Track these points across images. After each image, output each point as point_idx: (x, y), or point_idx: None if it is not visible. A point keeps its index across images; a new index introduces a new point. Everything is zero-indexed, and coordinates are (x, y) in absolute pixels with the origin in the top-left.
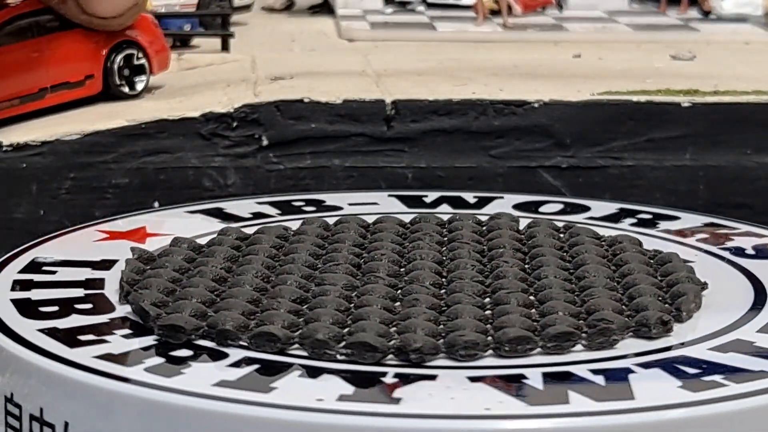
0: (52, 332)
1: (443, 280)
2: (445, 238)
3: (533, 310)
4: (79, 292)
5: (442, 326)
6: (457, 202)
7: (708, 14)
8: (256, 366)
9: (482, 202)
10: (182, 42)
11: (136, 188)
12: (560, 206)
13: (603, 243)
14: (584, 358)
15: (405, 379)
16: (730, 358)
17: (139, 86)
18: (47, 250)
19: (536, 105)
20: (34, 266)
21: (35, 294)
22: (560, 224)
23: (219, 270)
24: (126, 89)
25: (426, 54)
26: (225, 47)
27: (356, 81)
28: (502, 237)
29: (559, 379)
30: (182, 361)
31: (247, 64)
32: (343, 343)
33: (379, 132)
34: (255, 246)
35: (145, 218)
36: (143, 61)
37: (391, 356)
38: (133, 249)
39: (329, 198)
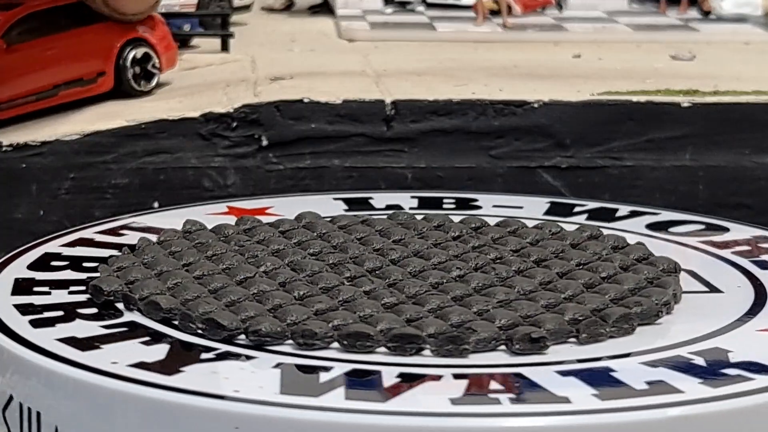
0: (21, 282)
1: (410, 279)
2: (492, 244)
3: (427, 314)
4: (104, 252)
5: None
6: (607, 214)
7: (708, 14)
8: (124, 329)
9: (632, 215)
10: (182, 42)
11: (136, 188)
12: (700, 227)
13: (637, 262)
14: (434, 362)
15: (221, 357)
16: (549, 381)
17: (151, 83)
18: (152, 218)
19: (536, 105)
20: (115, 229)
21: (76, 251)
22: (633, 241)
23: (232, 247)
24: (137, 86)
25: (426, 54)
26: (225, 47)
27: (356, 81)
28: (544, 248)
29: (356, 375)
30: (75, 316)
31: (247, 64)
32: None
33: (379, 132)
34: (296, 230)
35: (280, 200)
36: (154, 58)
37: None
38: (187, 221)
39: (482, 198)
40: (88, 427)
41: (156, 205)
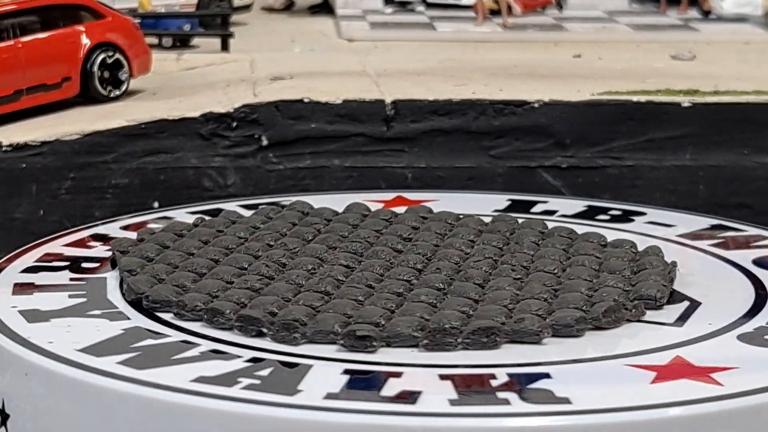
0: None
1: (368, 273)
2: (519, 250)
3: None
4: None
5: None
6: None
7: (708, 14)
8: (79, 282)
9: None
10: (182, 42)
11: (136, 188)
12: None
13: (629, 285)
14: (269, 348)
15: (103, 317)
16: (322, 377)
17: (120, 89)
18: (313, 199)
19: (536, 105)
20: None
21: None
22: (707, 269)
23: (270, 235)
24: (105, 92)
25: (426, 54)
26: (225, 47)
27: (356, 81)
28: (557, 260)
29: (221, 354)
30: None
31: (247, 64)
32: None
33: (379, 132)
34: (361, 221)
35: (447, 195)
36: (124, 63)
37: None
38: (296, 202)
39: (650, 212)
40: None
41: (156, 205)
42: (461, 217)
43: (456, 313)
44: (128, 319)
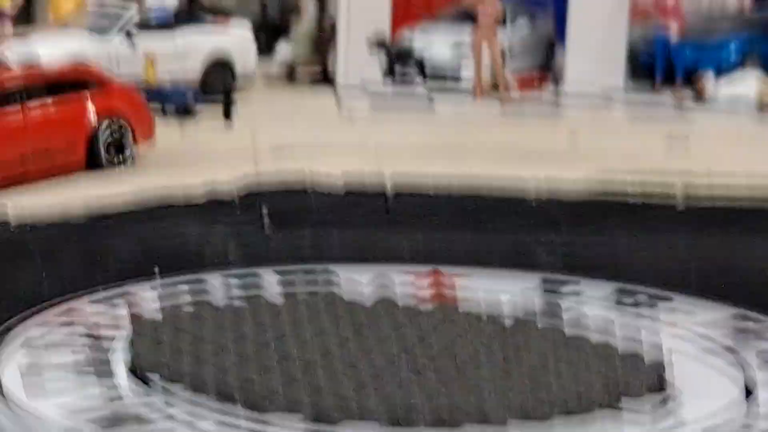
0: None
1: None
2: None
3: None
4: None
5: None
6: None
7: (702, 98)
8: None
9: None
10: (185, 113)
11: (138, 258)
12: None
13: (618, 364)
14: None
15: (97, 374)
16: None
17: (124, 158)
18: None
19: (532, 184)
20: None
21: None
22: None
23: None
24: (110, 160)
25: (425, 131)
26: (227, 119)
27: (356, 157)
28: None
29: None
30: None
31: (249, 137)
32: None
33: (379, 207)
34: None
35: (482, 271)
36: (128, 133)
37: None
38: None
39: (676, 298)
40: None
41: (157, 271)
42: (484, 318)
43: (427, 392)
44: (106, 377)
